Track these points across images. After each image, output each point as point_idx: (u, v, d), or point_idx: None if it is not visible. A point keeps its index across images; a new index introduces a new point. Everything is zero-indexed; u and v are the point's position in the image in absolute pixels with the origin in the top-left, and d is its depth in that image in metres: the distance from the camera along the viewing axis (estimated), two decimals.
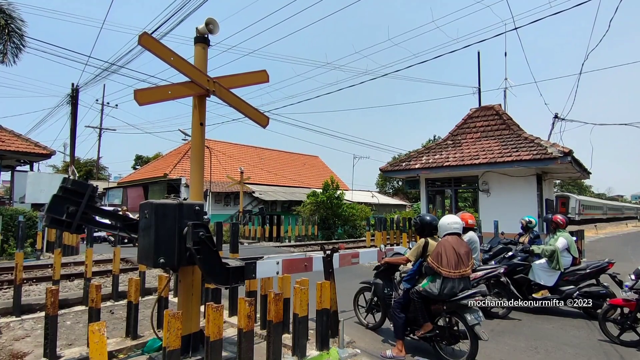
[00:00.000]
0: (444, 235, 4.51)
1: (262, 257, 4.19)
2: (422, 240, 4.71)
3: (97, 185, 3.68)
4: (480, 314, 4.17)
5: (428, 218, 4.87)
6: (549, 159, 9.21)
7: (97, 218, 3.93)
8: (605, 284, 6.15)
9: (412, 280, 4.68)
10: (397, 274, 5.35)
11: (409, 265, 4.93)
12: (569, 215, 44.01)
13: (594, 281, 6.26)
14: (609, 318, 5.03)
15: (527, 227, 7.69)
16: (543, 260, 6.44)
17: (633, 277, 4.90)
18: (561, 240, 6.44)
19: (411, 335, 4.64)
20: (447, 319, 4.38)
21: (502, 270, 6.11)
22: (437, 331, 4.41)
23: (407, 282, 4.72)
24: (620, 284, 5.81)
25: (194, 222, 3.41)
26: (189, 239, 3.35)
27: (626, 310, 4.90)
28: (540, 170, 10.46)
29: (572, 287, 6.17)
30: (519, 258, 6.83)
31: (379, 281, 5.20)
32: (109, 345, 4.03)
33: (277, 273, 4.00)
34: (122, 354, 4.23)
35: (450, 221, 4.55)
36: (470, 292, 4.23)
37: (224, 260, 3.56)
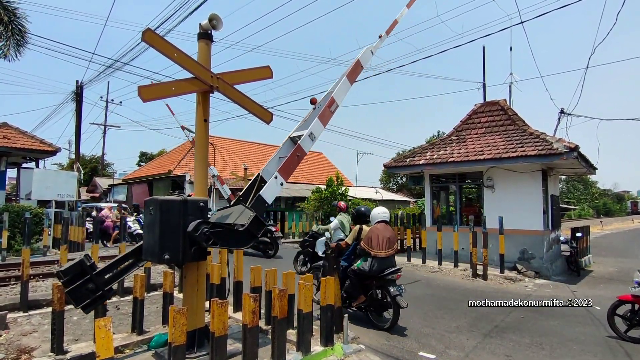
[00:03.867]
0: (375, 223, 5.49)
1: (258, 177, 4.28)
2: (357, 226, 5.73)
3: (85, 256, 3.69)
4: (403, 287, 5.20)
5: (362, 209, 6.03)
6: (555, 155, 9.10)
7: (114, 271, 3.85)
8: None
9: (348, 259, 5.67)
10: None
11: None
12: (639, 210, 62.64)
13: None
14: (618, 314, 5.00)
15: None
16: (324, 237, 8.08)
17: None
18: (334, 221, 8.32)
19: (349, 308, 5.45)
20: (377, 292, 5.29)
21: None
22: (369, 302, 5.34)
23: (344, 261, 5.68)
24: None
25: (192, 227, 3.41)
26: (201, 241, 3.41)
27: (636, 306, 4.87)
28: (545, 165, 10.36)
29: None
30: (308, 235, 9.24)
31: (327, 263, 5.99)
32: (115, 341, 4.06)
33: (282, 184, 4.09)
34: (129, 349, 4.26)
35: (380, 211, 5.64)
36: (394, 269, 5.21)
37: (236, 224, 3.62)
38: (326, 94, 4.97)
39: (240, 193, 4.28)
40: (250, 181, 4.36)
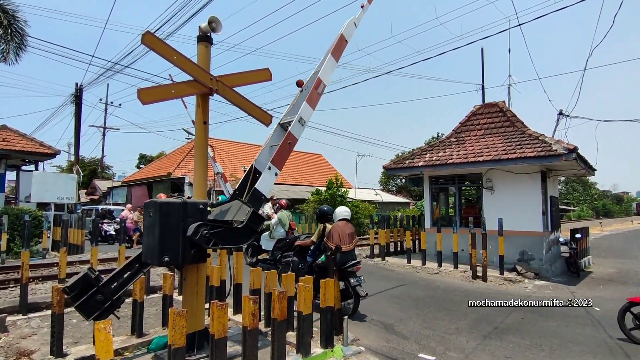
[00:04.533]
0: (338, 221, 6.03)
1: (252, 168, 4.27)
2: (321, 225, 6.30)
3: (88, 269, 3.71)
4: (362, 278, 5.77)
5: (325, 209, 6.59)
6: (554, 156, 9.12)
7: (120, 280, 3.86)
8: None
9: (313, 255, 6.34)
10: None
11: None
12: None
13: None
14: (633, 312, 5.00)
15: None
16: (267, 232, 9.17)
17: None
18: (275, 218, 9.03)
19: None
20: (339, 283, 5.47)
21: None
22: None
23: (310, 257, 6.39)
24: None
25: (192, 231, 3.41)
26: (203, 243, 3.42)
27: None
28: (544, 167, 10.37)
29: (279, 252, 7.92)
30: None
31: (295, 259, 6.62)
32: (115, 343, 4.06)
33: (276, 174, 4.06)
34: (128, 351, 4.25)
35: (342, 210, 6.22)
36: (354, 261, 5.75)
37: (234, 220, 3.67)
38: (312, 75, 4.77)
39: (236, 187, 4.26)
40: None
